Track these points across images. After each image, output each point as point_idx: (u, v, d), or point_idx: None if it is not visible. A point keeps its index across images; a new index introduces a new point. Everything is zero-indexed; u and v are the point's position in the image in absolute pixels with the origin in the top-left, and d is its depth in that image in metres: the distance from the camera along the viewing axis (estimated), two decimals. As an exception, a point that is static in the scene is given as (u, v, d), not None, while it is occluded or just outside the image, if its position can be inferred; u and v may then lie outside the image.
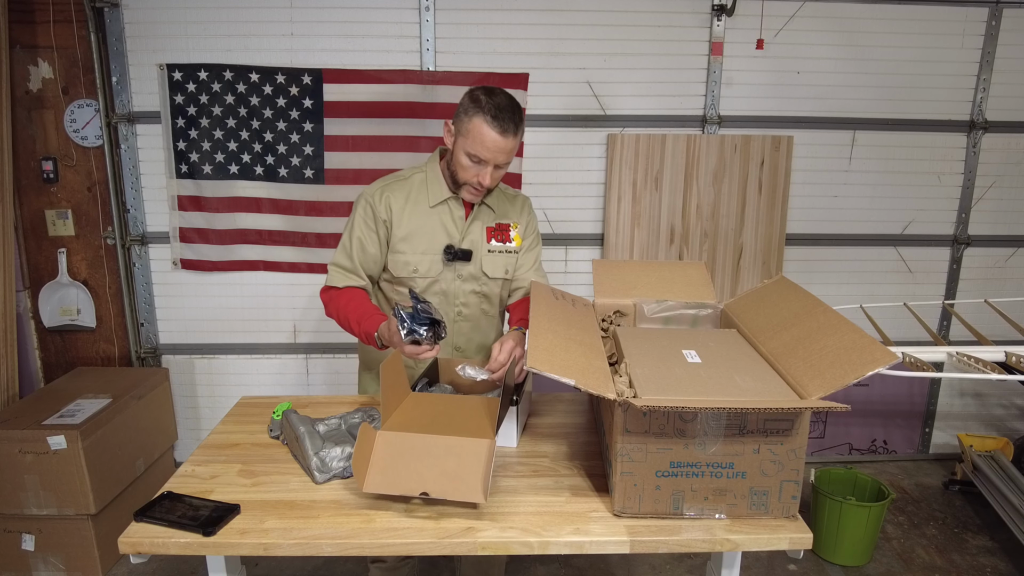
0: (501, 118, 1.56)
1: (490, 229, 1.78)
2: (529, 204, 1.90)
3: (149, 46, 2.80)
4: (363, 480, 1.25)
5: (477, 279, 1.78)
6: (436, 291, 1.76)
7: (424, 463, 1.28)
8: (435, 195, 1.74)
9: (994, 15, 2.93)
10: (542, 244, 1.93)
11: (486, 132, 1.56)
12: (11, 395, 2.72)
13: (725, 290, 3.08)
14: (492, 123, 1.56)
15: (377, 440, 1.32)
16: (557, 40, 2.87)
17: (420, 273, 1.74)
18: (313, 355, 3.14)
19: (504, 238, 1.80)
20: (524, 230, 1.85)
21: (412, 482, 1.25)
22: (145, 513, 1.24)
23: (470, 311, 1.81)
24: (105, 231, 2.96)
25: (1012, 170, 3.11)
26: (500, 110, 1.56)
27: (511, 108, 1.58)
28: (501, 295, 1.85)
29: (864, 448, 3.36)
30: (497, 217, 1.81)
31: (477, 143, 1.58)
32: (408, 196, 1.74)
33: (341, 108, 2.83)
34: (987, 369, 1.95)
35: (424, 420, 1.39)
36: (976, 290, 3.19)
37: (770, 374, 1.29)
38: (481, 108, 1.56)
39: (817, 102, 2.99)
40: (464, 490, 1.24)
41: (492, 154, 1.59)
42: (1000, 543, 2.70)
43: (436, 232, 1.74)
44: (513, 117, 1.58)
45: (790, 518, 1.23)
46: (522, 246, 1.84)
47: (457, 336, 1.82)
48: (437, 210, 1.74)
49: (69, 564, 2.42)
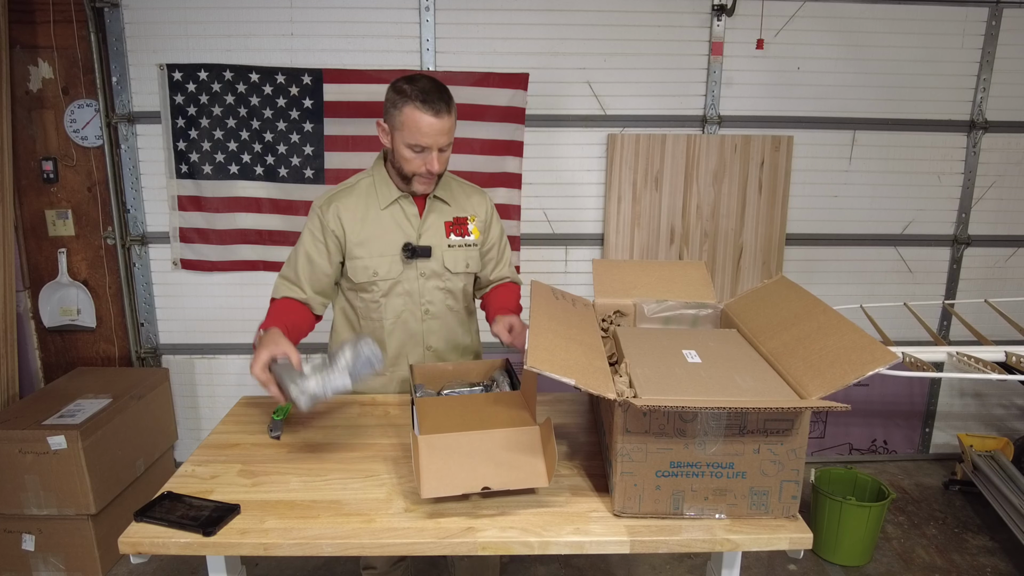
0: (430, 100, 1.56)
1: (448, 224, 1.78)
2: (488, 199, 1.88)
3: (149, 46, 2.81)
4: (421, 486, 1.23)
5: (440, 275, 1.78)
6: (400, 292, 1.75)
7: (475, 459, 1.29)
8: (385, 197, 1.73)
9: (994, 15, 2.93)
10: (541, 245, 1.94)
11: (420, 118, 1.56)
12: (11, 395, 2.73)
13: (725, 290, 3.08)
14: (423, 107, 1.55)
15: (422, 445, 1.31)
16: (557, 40, 2.87)
17: (381, 276, 1.73)
18: (314, 356, 3.13)
19: (463, 232, 1.80)
20: (484, 223, 1.85)
21: (470, 479, 1.26)
22: (145, 513, 1.24)
23: (436, 308, 1.80)
24: (105, 231, 2.96)
25: (1012, 170, 3.11)
26: (427, 93, 1.56)
27: (438, 89, 1.58)
28: (465, 290, 1.85)
29: (864, 448, 3.36)
30: (454, 211, 1.80)
31: (414, 131, 1.58)
32: (357, 202, 1.73)
33: (341, 108, 2.83)
34: (987, 369, 1.95)
35: (454, 420, 1.39)
36: (976, 290, 3.19)
37: (770, 374, 1.29)
38: (408, 97, 1.56)
39: (817, 102, 2.99)
40: (524, 477, 1.26)
41: (432, 138, 1.58)
42: (1000, 543, 2.70)
43: (392, 233, 1.73)
44: (442, 96, 1.58)
45: (790, 518, 1.23)
46: (481, 239, 1.84)
47: (428, 336, 1.81)
48: (389, 211, 1.73)
49: (69, 564, 2.42)
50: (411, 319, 1.78)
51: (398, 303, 1.76)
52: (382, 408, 1.74)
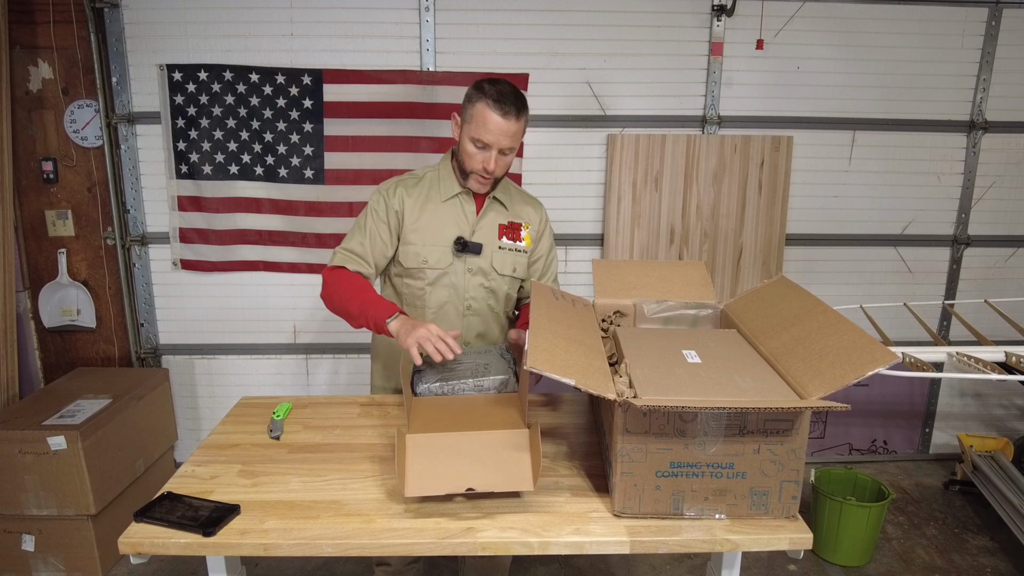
0: (503, 101, 1.62)
1: (502, 227, 1.82)
2: (544, 212, 1.93)
3: (149, 46, 2.80)
4: (404, 484, 1.24)
5: (486, 274, 1.81)
6: (446, 283, 1.79)
7: (462, 460, 1.29)
8: (447, 190, 1.79)
9: (994, 15, 2.93)
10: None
11: (488, 115, 1.63)
12: (11, 395, 2.72)
13: (725, 290, 3.08)
14: (494, 106, 1.62)
15: (408, 444, 1.31)
16: (557, 40, 2.87)
17: (430, 264, 1.77)
18: (313, 355, 3.14)
19: (515, 237, 1.84)
20: (537, 233, 1.88)
21: (454, 480, 1.25)
22: (145, 513, 1.24)
23: (478, 305, 1.83)
24: (105, 231, 2.96)
25: (1012, 170, 3.11)
26: (502, 95, 1.63)
27: (514, 94, 1.65)
28: (508, 294, 1.87)
29: (864, 448, 3.36)
30: (510, 215, 1.84)
31: (480, 127, 1.64)
32: (420, 191, 1.79)
33: (341, 108, 2.83)
34: (987, 369, 1.95)
35: (446, 420, 1.40)
36: (976, 290, 3.19)
37: (770, 374, 1.29)
38: (484, 94, 1.64)
39: (817, 102, 2.99)
40: (510, 480, 1.25)
41: (495, 137, 1.64)
42: (1000, 543, 2.70)
43: (447, 225, 1.78)
44: (516, 102, 1.64)
45: (790, 518, 1.23)
46: (531, 248, 1.87)
47: (467, 332, 1.84)
48: (449, 204, 1.79)
49: (69, 564, 2.42)
50: (453, 312, 1.82)
51: (443, 294, 1.80)
52: (382, 408, 1.74)
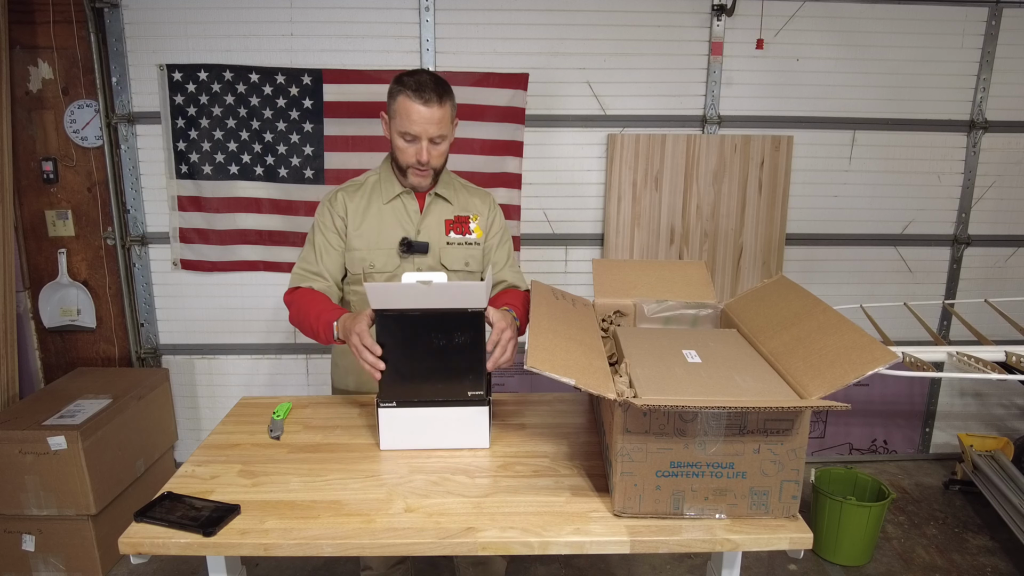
0: (422, 90, 1.61)
1: (448, 222, 1.80)
2: (494, 201, 1.90)
3: (149, 46, 2.80)
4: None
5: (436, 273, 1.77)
6: None
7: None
8: (388, 192, 1.78)
9: (994, 15, 2.93)
10: (541, 245, 1.93)
11: (411, 106, 1.61)
12: (11, 395, 2.72)
13: (725, 290, 3.08)
14: (414, 96, 1.61)
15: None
16: (557, 40, 2.87)
17: (377, 268, 1.76)
18: (313, 355, 3.14)
19: (464, 230, 1.82)
20: (487, 222, 1.86)
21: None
22: (145, 513, 1.24)
23: None
24: (105, 231, 2.96)
25: (1012, 170, 3.11)
26: (421, 84, 1.62)
27: (433, 81, 1.64)
28: None
29: (864, 448, 3.36)
30: (456, 209, 1.82)
31: (405, 119, 1.63)
32: (363, 196, 1.78)
33: (341, 108, 2.83)
34: (987, 369, 1.95)
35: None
36: (976, 290, 3.19)
37: (770, 374, 1.29)
38: (404, 86, 1.63)
39: (817, 102, 2.99)
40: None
41: (421, 127, 1.63)
42: (1000, 543, 2.70)
43: (391, 227, 1.77)
44: (436, 88, 1.62)
45: (790, 518, 1.23)
46: (484, 239, 1.84)
47: None
48: (391, 206, 1.78)
49: (69, 564, 2.42)
50: None
51: None
52: (382, 408, 1.74)
